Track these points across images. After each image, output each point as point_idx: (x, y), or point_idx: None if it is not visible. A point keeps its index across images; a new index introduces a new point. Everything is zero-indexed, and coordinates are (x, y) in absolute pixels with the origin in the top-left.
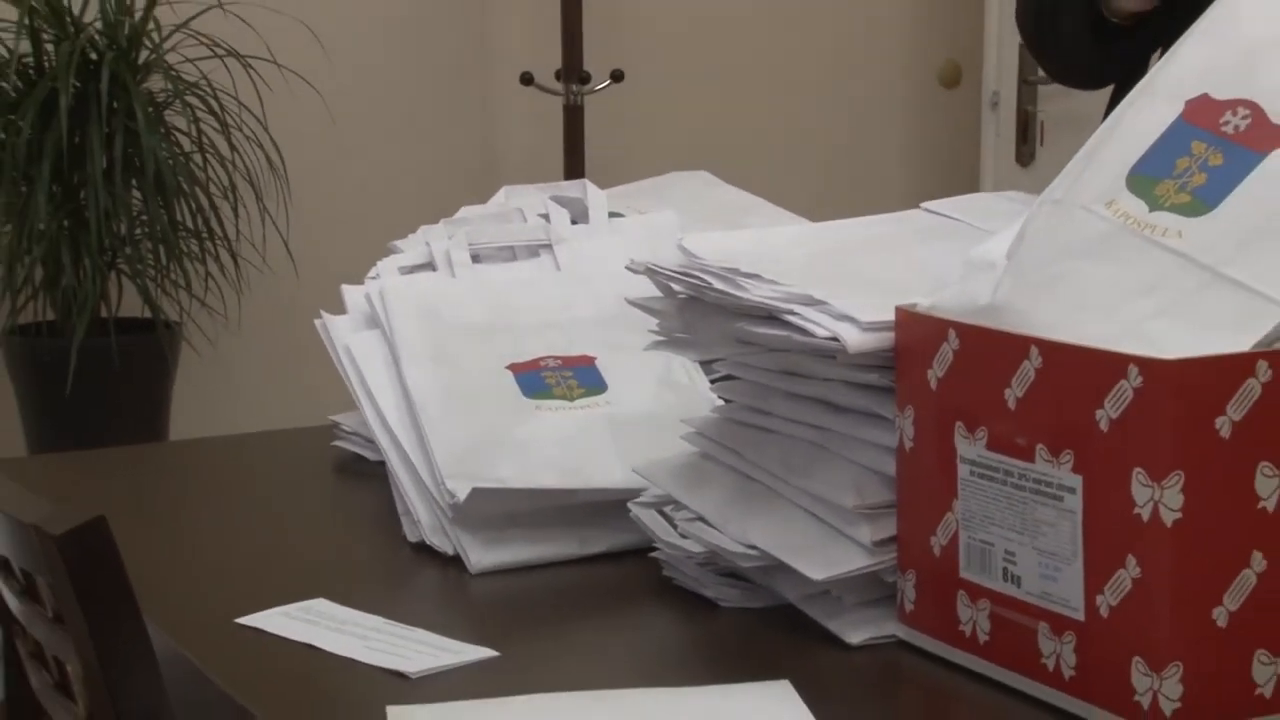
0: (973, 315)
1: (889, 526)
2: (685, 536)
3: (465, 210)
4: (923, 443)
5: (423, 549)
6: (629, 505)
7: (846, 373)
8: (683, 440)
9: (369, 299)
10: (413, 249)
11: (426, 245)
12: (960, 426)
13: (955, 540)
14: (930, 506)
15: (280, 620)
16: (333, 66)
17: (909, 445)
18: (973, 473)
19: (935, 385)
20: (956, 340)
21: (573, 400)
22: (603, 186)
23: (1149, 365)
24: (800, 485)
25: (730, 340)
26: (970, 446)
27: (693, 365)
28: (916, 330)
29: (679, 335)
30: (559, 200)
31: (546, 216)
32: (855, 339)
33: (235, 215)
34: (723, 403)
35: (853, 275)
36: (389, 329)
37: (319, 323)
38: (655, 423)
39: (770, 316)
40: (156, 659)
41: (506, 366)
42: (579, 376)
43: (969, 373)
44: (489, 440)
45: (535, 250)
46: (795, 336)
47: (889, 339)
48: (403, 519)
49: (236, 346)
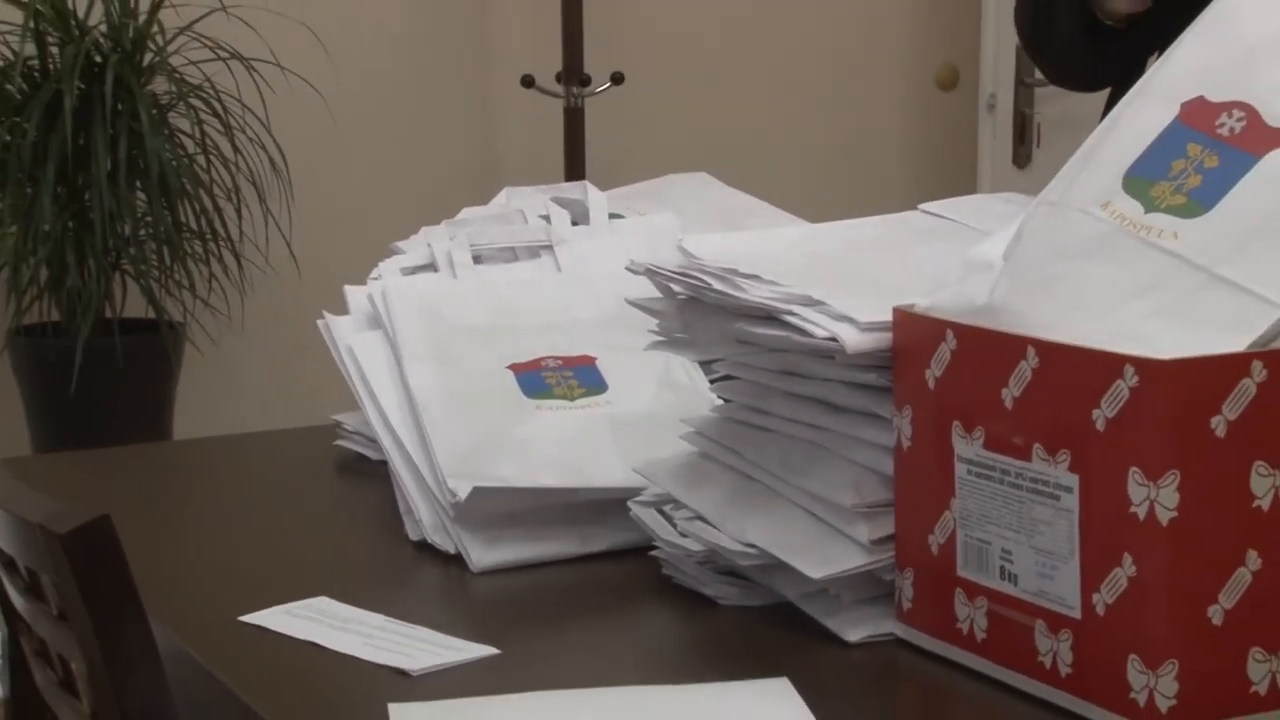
0: (970, 316)
1: (887, 525)
2: (685, 535)
3: (467, 211)
4: (920, 442)
5: (424, 547)
6: (629, 504)
7: (845, 373)
8: (682, 440)
9: (371, 299)
10: (414, 250)
11: (428, 246)
12: (958, 426)
13: (953, 539)
14: (928, 505)
15: (283, 618)
16: (335, 69)
17: (907, 445)
18: (970, 472)
19: (933, 385)
20: (954, 340)
21: (573, 400)
22: (603, 188)
23: (1145, 365)
24: (799, 484)
25: (729, 340)
26: (968, 446)
27: (692, 365)
28: (914, 330)
29: (679, 335)
30: (560, 202)
31: (547, 218)
32: (853, 339)
33: (238, 216)
34: (722, 402)
35: (851, 276)
36: (391, 329)
37: (321, 323)
38: (655, 422)
39: (769, 317)
40: (160, 657)
41: (507, 366)
42: (579, 376)
43: (966, 373)
44: (490, 440)
45: (536, 251)
46: (794, 337)
47: (887, 339)
48: (404, 518)
49: (240, 346)
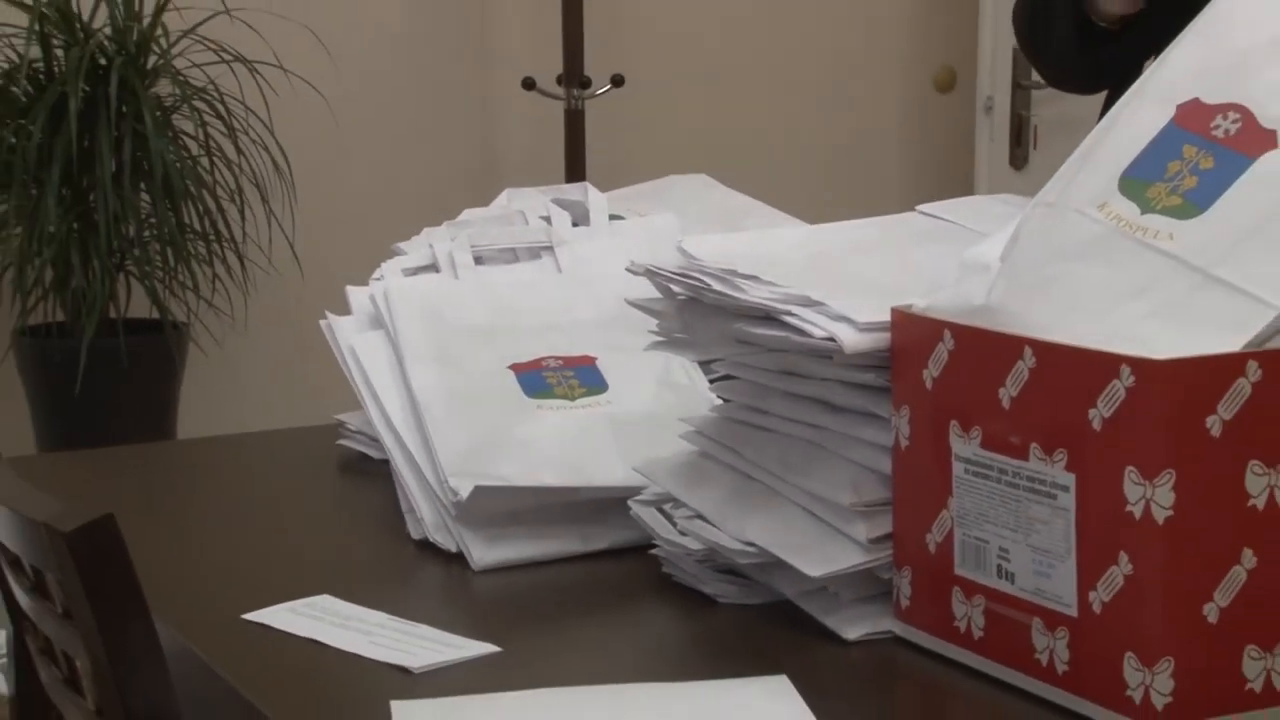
0: (967, 316)
1: (885, 524)
2: (685, 534)
3: (468, 213)
4: (918, 441)
5: (426, 546)
6: (629, 503)
7: (843, 373)
8: (682, 439)
9: (373, 300)
10: (416, 251)
11: (430, 247)
12: (955, 425)
13: (950, 537)
14: (926, 504)
15: (286, 616)
16: (338, 72)
17: (905, 444)
18: (967, 471)
19: (930, 385)
20: (951, 341)
21: (574, 400)
22: (603, 189)
23: (1141, 365)
24: (798, 483)
25: (729, 340)
26: (965, 445)
27: (692, 365)
28: (912, 331)
29: (678, 336)
30: (560, 203)
31: (548, 219)
32: (852, 339)
33: (242, 218)
34: (721, 402)
35: (849, 277)
36: (393, 330)
37: (324, 323)
38: (655, 422)
39: (768, 317)
40: (164, 654)
41: (509, 367)
42: (580, 376)
43: (964, 373)
44: (491, 439)
45: (537, 252)
46: (793, 337)
47: (885, 339)
48: (406, 517)
49: (243, 347)
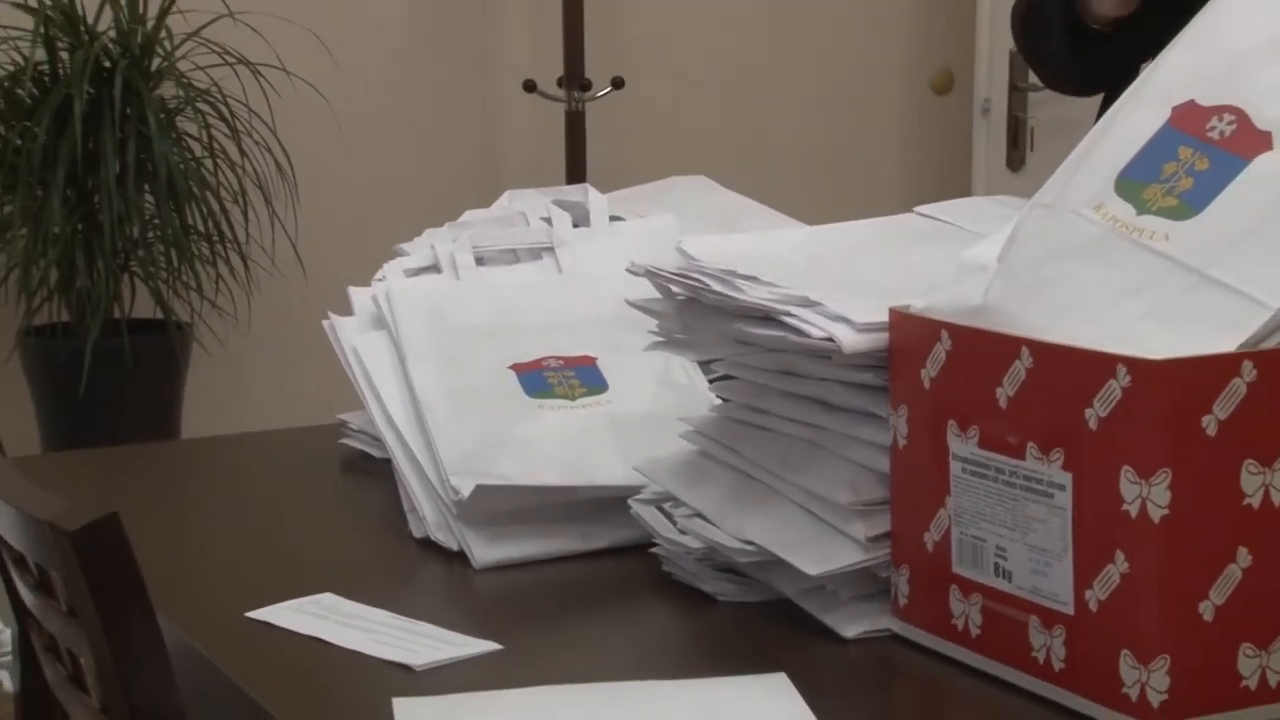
0: (965, 316)
1: (883, 523)
2: (684, 532)
3: (469, 214)
4: (916, 441)
5: (428, 545)
6: (629, 502)
7: (842, 372)
8: (682, 439)
9: (375, 301)
10: (418, 252)
11: (431, 248)
12: (953, 425)
13: (948, 536)
14: (923, 503)
15: (289, 614)
16: (340, 74)
17: (903, 443)
18: (965, 470)
19: (928, 385)
20: (949, 341)
21: (574, 400)
22: (603, 191)
23: (1137, 365)
24: (796, 482)
25: (728, 341)
26: (962, 444)
27: (692, 365)
28: (910, 331)
29: (678, 336)
30: (561, 204)
31: (549, 220)
32: (850, 339)
33: (245, 219)
34: (721, 402)
35: (848, 277)
36: (395, 330)
37: (327, 324)
38: (655, 421)
39: (767, 317)
40: (168, 652)
41: (510, 366)
42: (580, 376)
43: (961, 372)
44: (493, 439)
45: (538, 253)
46: (791, 337)
47: (883, 339)
48: (408, 515)
49: (246, 347)
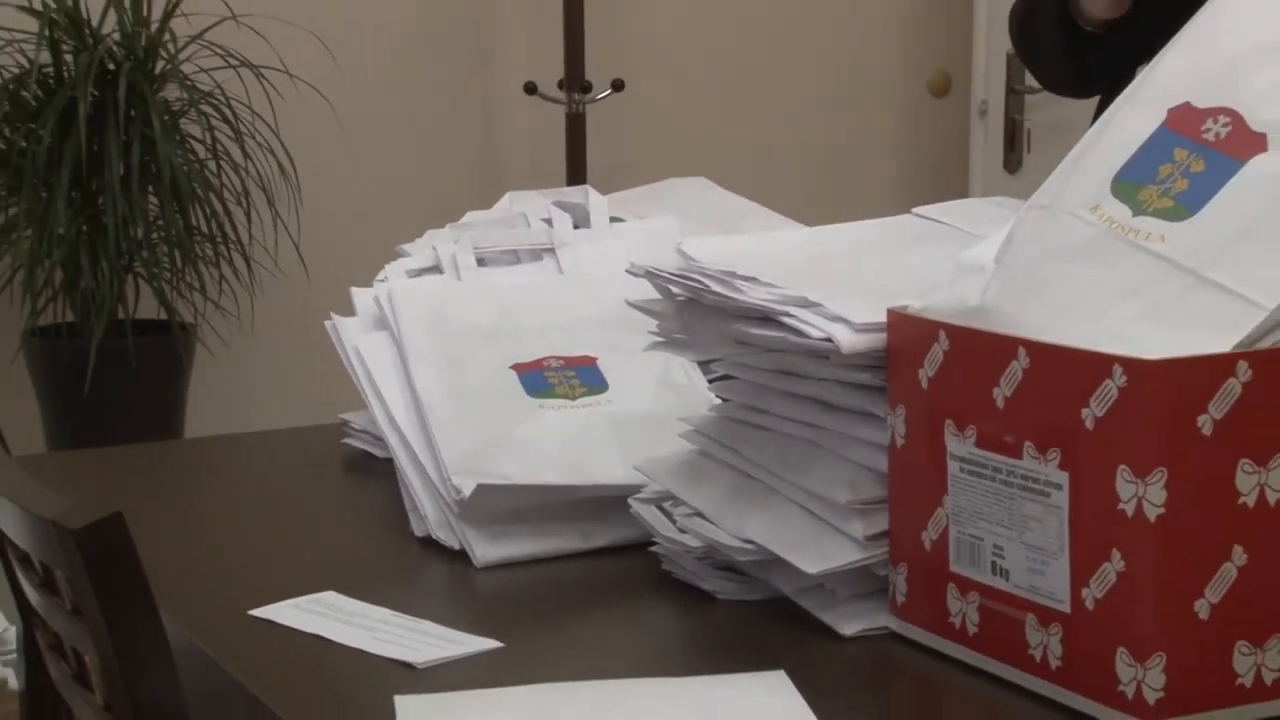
0: (962, 317)
1: (881, 522)
2: (684, 531)
3: (471, 215)
4: (914, 440)
5: (429, 543)
6: (629, 501)
7: (840, 373)
8: (681, 438)
9: (377, 301)
10: (420, 253)
11: (433, 249)
12: (950, 425)
13: (945, 535)
14: (921, 502)
15: (291, 612)
16: (343, 76)
17: (901, 443)
18: (962, 469)
19: (926, 385)
20: (946, 341)
21: (575, 399)
22: (604, 192)
23: (1133, 365)
24: (795, 481)
25: (728, 341)
26: (960, 444)
27: (691, 365)
28: (908, 331)
29: (678, 336)
30: (561, 205)
31: (549, 221)
32: (848, 340)
33: (248, 220)
34: (720, 402)
35: (846, 278)
36: (397, 330)
37: (329, 324)
38: (655, 421)
39: (766, 318)
40: (171, 650)
41: (510, 367)
42: (581, 376)
43: (959, 373)
44: (494, 438)
45: (538, 254)
46: (790, 337)
47: (881, 340)
48: (410, 514)
49: (249, 347)
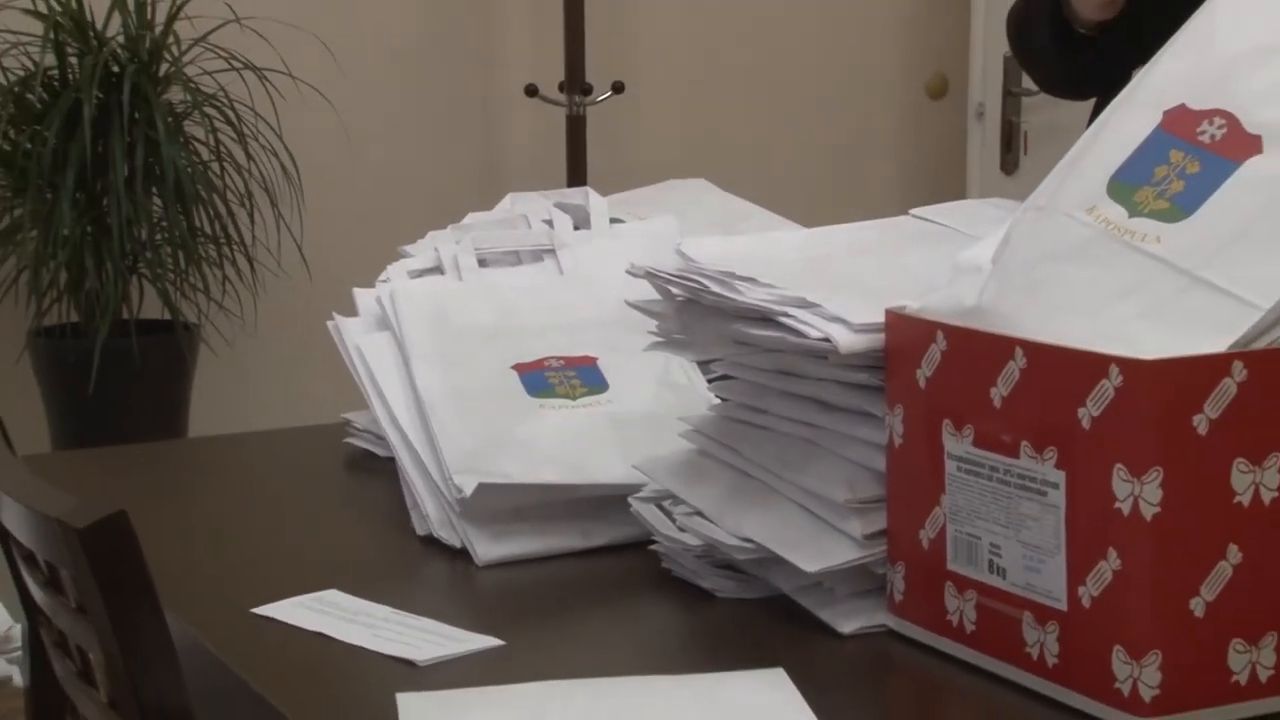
0: (960, 317)
1: (879, 520)
2: (684, 530)
3: (472, 216)
4: (912, 440)
5: (431, 542)
6: (629, 500)
7: (838, 372)
8: (681, 438)
9: (379, 302)
10: (422, 254)
11: (435, 250)
12: (948, 424)
13: (943, 533)
14: (919, 501)
15: (294, 610)
16: (345, 79)
17: (898, 442)
18: (960, 469)
19: (924, 384)
20: (944, 341)
21: (575, 399)
22: (604, 194)
23: (1129, 365)
24: (794, 481)
25: (727, 341)
26: (957, 443)
27: (691, 365)
28: (905, 332)
29: (677, 336)
30: (562, 207)
31: (550, 222)
32: (846, 340)
33: (251, 221)
34: (720, 401)
35: (844, 279)
36: (399, 331)
37: (331, 324)
38: (655, 421)
39: (765, 318)
40: (175, 647)
41: (511, 367)
42: (581, 376)
43: (956, 372)
44: (495, 438)
45: (539, 255)
46: (789, 338)
47: (879, 340)
48: (412, 513)
49: (252, 347)
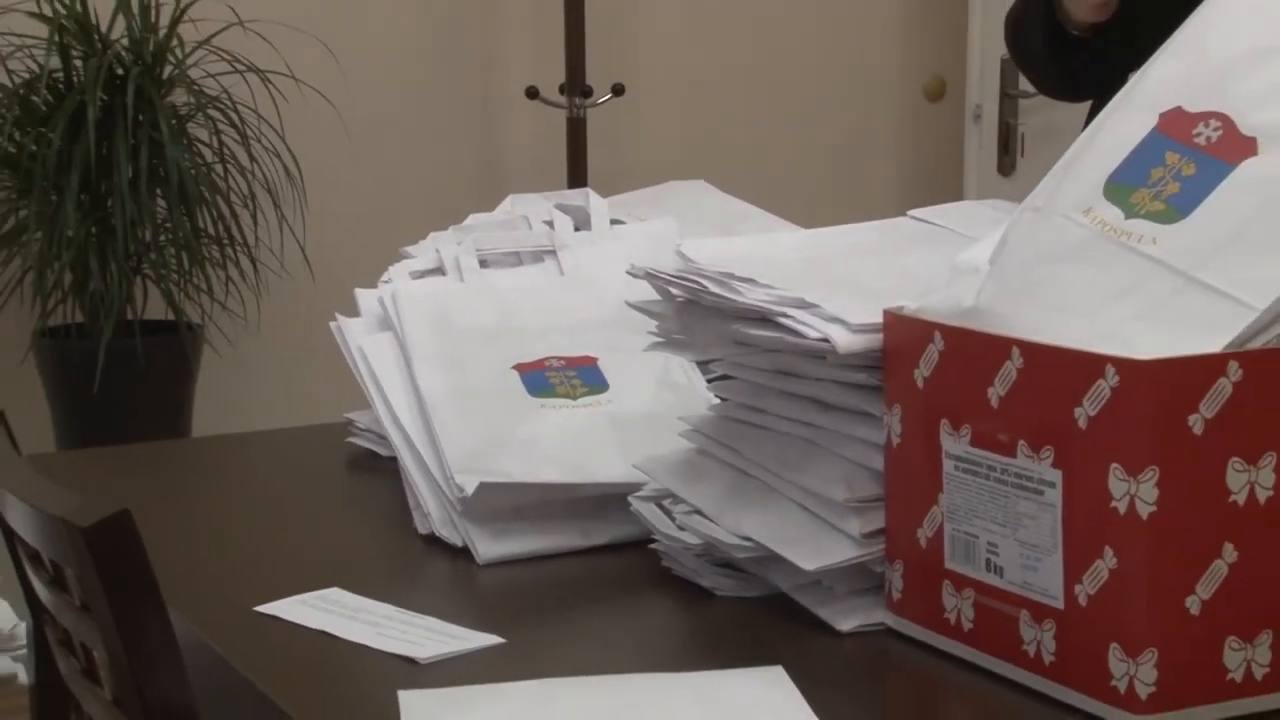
0: (957, 318)
1: (877, 519)
2: (683, 529)
3: (473, 218)
4: (910, 439)
5: (433, 541)
6: (629, 499)
7: (837, 373)
8: (681, 437)
9: (382, 302)
10: (423, 255)
11: (436, 251)
12: (945, 424)
13: (940, 532)
14: (917, 500)
15: (297, 609)
16: (347, 81)
17: (896, 442)
18: (957, 468)
19: (921, 384)
20: (942, 342)
21: (576, 399)
22: (604, 195)
23: (1125, 365)
24: (793, 480)
25: (726, 341)
26: (955, 443)
27: (690, 365)
28: (903, 332)
29: (677, 337)
30: (563, 208)
31: (551, 224)
32: (845, 340)
33: (254, 223)
34: (719, 401)
35: (843, 279)
36: (401, 331)
37: (334, 325)
38: (655, 420)
39: (764, 319)
40: (179, 646)
41: (512, 367)
42: (582, 376)
43: (954, 373)
44: (496, 437)
45: (540, 256)
46: (788, 338)
47: (877, 340)
48: (414, 512)
49: (255, 347)
